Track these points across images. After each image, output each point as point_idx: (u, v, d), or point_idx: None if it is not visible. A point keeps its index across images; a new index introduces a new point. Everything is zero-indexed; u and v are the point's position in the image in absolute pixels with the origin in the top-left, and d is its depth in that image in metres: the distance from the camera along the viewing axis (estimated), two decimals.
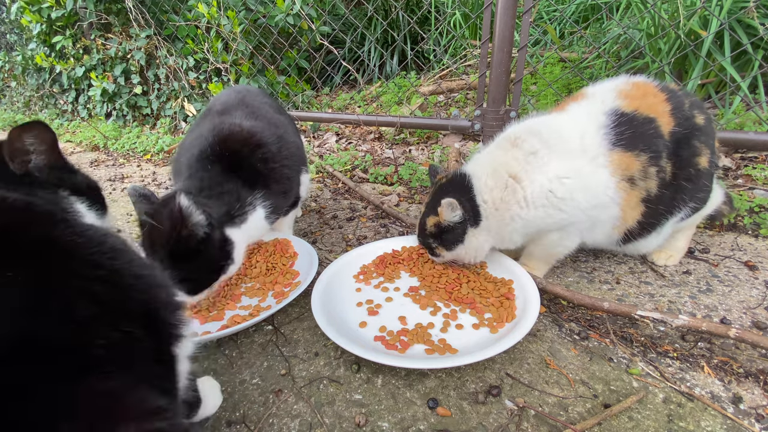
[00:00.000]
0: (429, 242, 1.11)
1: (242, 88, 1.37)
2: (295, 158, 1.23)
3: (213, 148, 1.06)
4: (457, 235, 1.05)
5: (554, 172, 0.99)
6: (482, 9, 1.91)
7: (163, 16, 3.15)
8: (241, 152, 1.07)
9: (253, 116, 1.19)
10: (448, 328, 0.95)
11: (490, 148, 1.13)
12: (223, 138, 1.07)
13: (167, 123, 3.28)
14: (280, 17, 2.68)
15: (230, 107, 1.22)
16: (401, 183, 1.94)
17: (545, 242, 1.08)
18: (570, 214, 1.00)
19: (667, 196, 1.03)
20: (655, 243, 1.13)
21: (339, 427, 0.74)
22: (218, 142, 1.06)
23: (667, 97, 1.02)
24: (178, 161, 1.13)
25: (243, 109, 1.21)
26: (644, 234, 1.08)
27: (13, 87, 4.98)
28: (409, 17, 2.75)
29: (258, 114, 1.21)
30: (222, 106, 1.23)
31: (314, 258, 1.19)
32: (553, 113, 1.11)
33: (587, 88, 1.13)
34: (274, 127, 1.21)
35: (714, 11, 1.72)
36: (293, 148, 1.23)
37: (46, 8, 3.26)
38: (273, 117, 1.26)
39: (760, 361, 0.85)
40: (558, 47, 2.61)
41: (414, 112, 2.46)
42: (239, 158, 1.07)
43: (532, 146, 1.02)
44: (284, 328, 1.01)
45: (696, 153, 1.02)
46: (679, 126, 1.00)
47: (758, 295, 1.05)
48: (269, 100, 1.38)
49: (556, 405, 0.77)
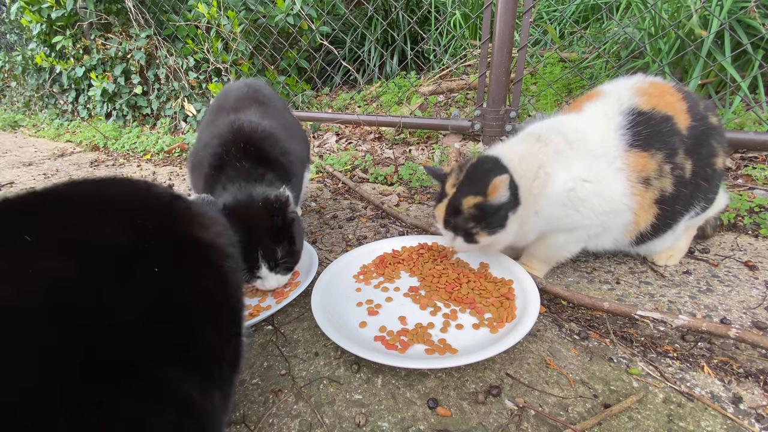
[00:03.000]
0: (467, 226, 1.00)
1: (253, 83, 1.40)
2: (303, 153, 1.28)
3: (236, 145, 1.11)
4: (501, 218, 0.99)
5: (577, 172, 0.98)
6: (482, 9, 1.91)
7: (163, 16, 3.15)
8: (263, 147, 1.13)
9: (267, 113, 1.25)
10: (448, 328, 0.95)
11: (513, 140, 1.10)
12: (246, 135, 1.13)
13: (167, 123, 3.28)
14: (280, 17, 2.68)
15: (243, 104, 1.26)
16: (401, 183, 1.94)
17: (550, 243, 1.08)
18: (584, 216, 0.99)
19: (685, 195, 1.02)
20: (669, 241, 1.12)
21: (339, 427, 0.74)
22: (241, 139, 1.12)
23: (683, 96, 1.03)
24: (198, 155, 1.18)
25: (256, 106, 1.26)
26: (659, 234, 1.07)
27: (13, 87, 4.98)
28: (409, 17, 2.75)
29: (269, 110, 1.27)
30: (235, 103, 1.27)
31: (314, 258, 1.19)
32: (571, 113, 1.10)
33: (602, 85, 1.11)
34: (285, 122, 1.28)
35: (714, 11, 1.72)
36: (302, 143, 1.30)
37: (46, 8, 3.26)
38: (282, 112, 1.33)
39: (760, 361, 0.85)
40: (558, 47, 2.61)
41: (414, 112, 2.46)
42: (263, 153, 1.13)
43: (558, 146, 1.00)
44: (284, 328, 1.01)
45: (714, 153, 1.02)
46: (696, 122, 1.00)
47: (758, 295, 1.05)
48: (276, 95, 1.44)
49: (556, 405, 0.77)
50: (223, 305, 0.58)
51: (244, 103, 1.26)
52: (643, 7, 2.16)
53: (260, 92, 1.35)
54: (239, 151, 1.10)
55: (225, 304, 0.58)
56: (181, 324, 0.49)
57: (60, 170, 2.63)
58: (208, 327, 0.53)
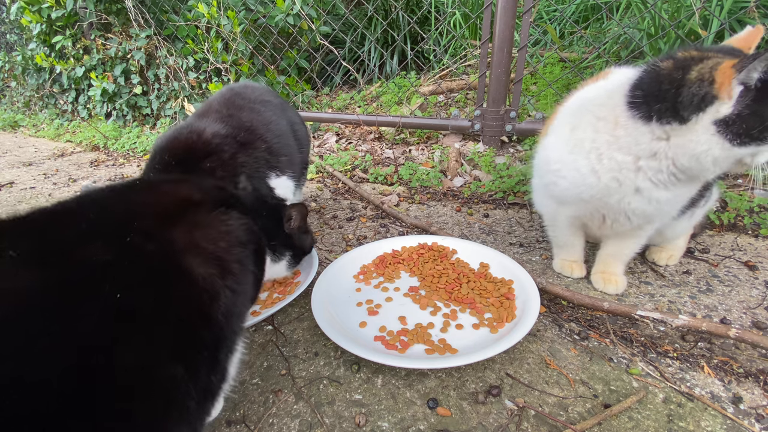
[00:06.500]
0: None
1: (236, 86, 1.33)
2: (260, 162, 1.16)
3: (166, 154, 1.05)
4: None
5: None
6: (482, 9, 1.91)
7: (163, 16, 3.15)
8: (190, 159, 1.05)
9: (233, 117, 1.16)
10: (448, 328, 0.95)
11: None
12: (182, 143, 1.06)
13: (167, 123, 3.28)
14: (280, 17, 2.68)
15: (210, 108, 1.19)
16: (401, 183, 1.94)
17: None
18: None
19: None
20: (684, 227, 1.11)
21: (339, 427, 0.74)
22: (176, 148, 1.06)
23: None
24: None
25: (223, 110, 1.18)
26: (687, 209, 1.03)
27: (13, 87, 4.98)
28: (409, 17, 2.75)
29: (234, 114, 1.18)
30: (202, 108, 1.21)
31: (314, 258, 1.19)
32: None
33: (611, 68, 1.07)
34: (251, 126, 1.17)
35: (714, 11, 1.72)
36: (262, 151, 1.17)
37: (46, 8, 3.26)
38: (260, 116, 1.22)
39: (760, 361, 0.85)
40: (558, 47, 2.61)
41: (414, 112, 2.46)
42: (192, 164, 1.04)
43: None
44: (284, 328, 1.01)
45: None
46: None
47: (758, 295, 1.05)
48: (266, 98, 1.33)
49: (556, 405, 0.77)
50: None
51: (210, 108, 1.19)
52: (643, 7, 2.16)
53: (240, 95, 1.26)
54: (163, 162, 1.03)
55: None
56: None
57: (60, 170, 2.62)
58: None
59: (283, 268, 0.99)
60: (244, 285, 0.63)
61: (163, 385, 0.47)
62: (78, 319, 0.42)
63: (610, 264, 1.10)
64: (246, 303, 0.67)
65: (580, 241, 1.15)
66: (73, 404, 0.40)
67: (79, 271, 0.46)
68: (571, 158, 0.95)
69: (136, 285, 0.48)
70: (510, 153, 2.01)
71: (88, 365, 0.41)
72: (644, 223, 0.99)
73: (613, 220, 0.99)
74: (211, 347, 0.55)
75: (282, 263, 0.97)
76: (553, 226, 1.15)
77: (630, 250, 1.07)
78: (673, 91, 0.78)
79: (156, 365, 0.46)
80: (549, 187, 1.04)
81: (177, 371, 0.48)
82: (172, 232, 0.56)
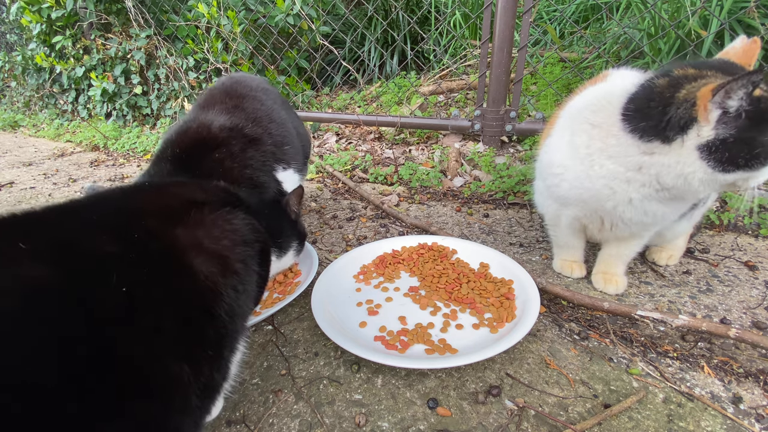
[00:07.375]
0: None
1: (235, 75, 1.35)
2: (267, 155, 1.17)
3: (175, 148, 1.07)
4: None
5: None
6: (482, 9, 1.91)
7: (163, 16, 3.15)
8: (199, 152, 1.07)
9: (238, 108, 1.18)
10: (448, 328, 0.95)
11: None
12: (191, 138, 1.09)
13: (167, 123, 3.28)
14: (280, 17, 2.68)
15: (213, 100, 1.20)
16: (401, 183, 1.94)
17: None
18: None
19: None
20: (684, 227, 1.12)
21: (339, 427, 0.74)
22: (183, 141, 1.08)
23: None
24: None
25: (227, 101, 1.19)
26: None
27: (13, 87, 4.98)
28: (409, 17, 2.75)
29: (245, 103, 1.20)
30: (205, 100, 1.22)
31: (314, 258, 1.19)
32: None
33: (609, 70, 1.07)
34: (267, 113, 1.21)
35: (714, 11, 1.72)
36: (269, 145, 1.18)
37: (46, 8, 3.26)
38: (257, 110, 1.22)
39: (760, 361, 0.85)
40: (558, 47, 2.61)
41: (414, 112, 2.46)
42: (198, 159, 1.07)
43: None
44: (284, 328, 1.01)
45: None
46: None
47: (758, 295, 1.05)
48: (264, 87, 1.34)
49: (556, 405, 0.77)
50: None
51: (214, 99, 1.19)
52: (643, 7, 2.16)
53: (241, 84, 1.26)
54: (175, 156, 1.04)
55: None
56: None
57: (60, 170, 2.62)
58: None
59: (291, 257, 1.03)
60: (248, 284, 0.63)
61: (168, 379, 0.47)
62: (86, 311, 0.43)
63: (611, 264, 1.10)
64: (249, 303, 0.67)
65: (581, 242, 1.15)
66: (80, 395, 0.40)
67: (87, 264, 0.46)
68: (571, 162, 0.95)
69: (141, 280, 0.48)
70: (510, 153, 2.01)
71: (96, 356, 0.42)
72: (642, 230, 1.00)
73: (612, 225, 1.00)
74: (214, 345, 0.55)
75: (290, 254, 1.01)
76: (554, 227, 1.16)
77: (631, 251, 1.07)
78: (660, 109, 0.78)
79: (160, 359, 0.47)
80: (551, 189, 1.04)
81: (181, 366, 0.48)
82: (175, 231, 0.56)
